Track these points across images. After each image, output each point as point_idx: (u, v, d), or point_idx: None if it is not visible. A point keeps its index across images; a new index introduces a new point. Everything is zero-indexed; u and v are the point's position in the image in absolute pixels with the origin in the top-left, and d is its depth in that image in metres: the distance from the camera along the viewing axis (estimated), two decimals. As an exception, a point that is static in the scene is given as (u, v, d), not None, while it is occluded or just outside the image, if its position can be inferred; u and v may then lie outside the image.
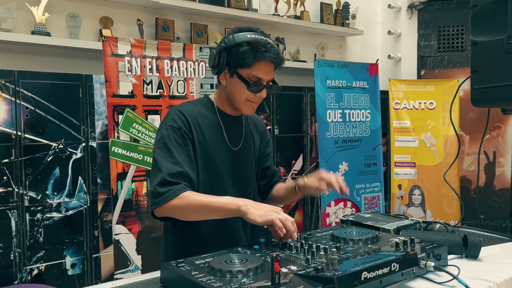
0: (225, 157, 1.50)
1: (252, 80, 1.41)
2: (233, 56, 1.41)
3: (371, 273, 0.92)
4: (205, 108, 1.51)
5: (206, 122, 1.49)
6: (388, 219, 1.44)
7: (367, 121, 3.58)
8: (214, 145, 1.48)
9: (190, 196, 1.31)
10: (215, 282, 0.91)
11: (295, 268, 0.99)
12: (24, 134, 2.55)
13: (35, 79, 2.60)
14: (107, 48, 2.34)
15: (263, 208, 1.24)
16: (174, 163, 1.35)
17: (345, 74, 3.45)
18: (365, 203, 3.55)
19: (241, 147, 1.55)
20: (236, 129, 1.56)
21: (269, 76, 1.44)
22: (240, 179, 1.54)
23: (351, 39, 4.44)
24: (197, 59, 2.65)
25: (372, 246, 1.16)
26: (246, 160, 1.56)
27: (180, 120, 1.42)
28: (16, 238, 2.52)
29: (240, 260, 1.02)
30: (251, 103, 1.47)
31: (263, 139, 1.68)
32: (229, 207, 1.27)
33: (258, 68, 1.40)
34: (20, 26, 2.78)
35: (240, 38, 1.41)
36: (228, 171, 1.50)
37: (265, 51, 1.39)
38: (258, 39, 1.40)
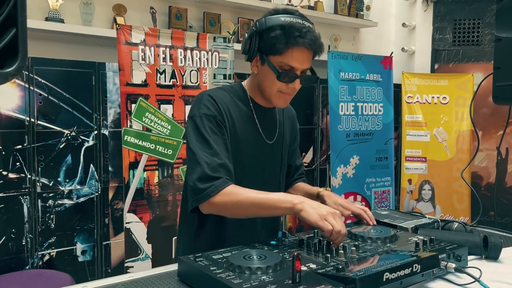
0: (258, 151, 1.40)
1: (284, 69, 1.28)
2: (265, 41, 1.28)
3: (393, 274, 0.91)
4: (237, 97, 1.40)
5: (238, 112, 1.38)
6: (405, 217, 1.43)
7: (380, 115, 3.55)
8: (244, 138, 1.37)
9: (237, 192, 1.22)
10: (234, 278, 0.91)
11: (314, 266, 0.98)
12: (37, 121, 2.56)
13: (49, 66, 2.59)
14: (121, 36, 2.32)
15: (322, 209, 1.13)
16: (212, 155, 1.25)
17: (359, 67, 3.41)
18: (375, 197, 3.54)
19: (276, 141, 1.44)
20: (270, 121, 1.45)
21: (304, 64, 1.29)
22: (271, 175, 1.46)
23: (364, 31, 4.39)
24: (211, 49, 2.63)
25: (391, 245, 1.15)
26: (279, 154, 1.47)
27: (214, 107, 1.31)
28: (28, 223, 2.54)
29: (259, 257, 1.01)
30: (284, 95, 1.33)
31: (293, 131, 1.58)
32: (283, 205, 1.18)
33: (291, 55, 1.26)
34: (34, 13, 2.77)
35: (272, 22, 1.26)
36: (259, 165, 1.42)
37: (298, 36, 1.24)
38: (293, 22, 1.25)
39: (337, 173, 3.33)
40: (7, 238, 2.50)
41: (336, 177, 3.33)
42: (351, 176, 3.41)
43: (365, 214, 1.42)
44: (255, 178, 1.41)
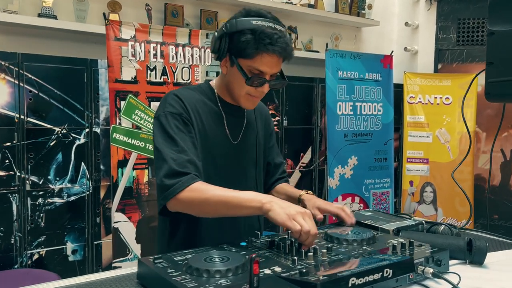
0: (225, 150, 1.38)
1: (254, 73, 1.27)
2: (235, 44, 1.26)
3: (360, 279, 0.85)
4: (205, 96, 1.39)
5: (206, 110, 1.36)
6: (389, 218, 1.36)
7: (379, 115, 3.47)
8: (213, 136, 1.36)
9: (205, 189, 1.18)
10: (189, 282, 0.85)
11: (279, 269, 0.93)
12: (27, 117, 2.53)
13: (40, 62, 2.56)
14: (110, 32, 2.28)
15: (290, 208, 1.09)
16: (179, 152, 1.23)
17: (358, 66, 3.34)
18: (374, 198, 3.46)
19: (241, 140, 1.42)
20: (238, 120, 1.43)
21: (274, 69, 1.28)
22: (244, 174, 1.43)
23: (366, 30, 4.31)
24: (203, 45, 2.58)
25: (367, 247, 1.09)
26: (246, 154, 1.44)
27: (179, 105, 1.30)
28: (17, 222, 2.51)
29: (221, 259, 0.96)
30: (252, 97, 1.32)
31: (266, 129, 1.55)
32: (251, 204, 1.14)
33: (260, 60, 1.24)
34: (27, 8, 2.74)
35: (243, 25, 1.24)
36: (229, 164, 1.39)
37: (269, 43, 1.22)
38: (264, 27, 1.23)
39: (334, 174, 3.26)
40: (-5, 236, 2.47)
41: (333, 178, 3.26)
42: (349, 177, 3.34)
43: (343, 213, 1.36)
44: (227, 177, 1.38)
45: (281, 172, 1.60)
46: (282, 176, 1.59)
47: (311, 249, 1.03)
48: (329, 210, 1.37)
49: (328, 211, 1.37)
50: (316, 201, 1.39)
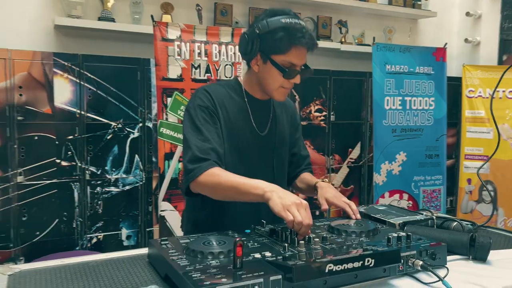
0: (252, 141, 1.48)
1: (287, 66, 1.38)
2: (268, 43, 1.37)
3: (338, 266, 0.89)
4: (232, 91, 1.50)
5: (232, 104, 1.47)
6: (401, 213, 1.37)
7: (431, 110, 3.37)
8: (239, 128, 1.46)
9: (220, 174, 1.29)
10: (183, 261, 0.95)
11: (269, 254, 0.99)
12: (87, 113, 2.77)
13: (98, 62, 2.80)
14: (157, 33, 2.44)
15: (287, 199, 1.16)
16: (203, 140, 1.35)
17: (408, 59, 3.26)
18: (424, 196, 3.37)
19: (268, 132, 1.52)
20: (264, 113, 1.53)
21: (303, 60, 1.40)
22: (265, 163, 1.51)
23: (423, 22, 4.18)
24: (246, 43, 2.67)
25: (364, 239, 1.12)
26: (273, 145, 1.53)
27: (207, 99, 1.42)
28: (78, 208, 2.77)
29: (217, 243, 1.04)
30: (285, 90, 1.43)
31: (292, 123, 1.64)
32: (255, 191, 1.22)
33: (293, 54, 1.36)
34: (89, 13, 2.99)
35: (274, 24, 1.35)
36: (254, 155, 1.49)
37: (301, 37, 1.35)
38: (294, 23, 1.35)
39: (381, 170, 3.22)
40: (59, 221, 2.75)
41: (379, 174, 3.23)
42: (397, 174, 3.28)
43: (349, 208, 1.39)
44: (250, 166, 1.47)
45: (306, 163, 1.68)
46: (307, 167, 1.67)
47: (306, 238, 1.09)
48: (335, 203, 1.41)
49: (334, 204, 1.41)
50: (327, 192, 1.44)
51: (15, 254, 2.66)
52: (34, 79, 2.66)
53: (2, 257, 2.63)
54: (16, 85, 2.60)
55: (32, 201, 2.68)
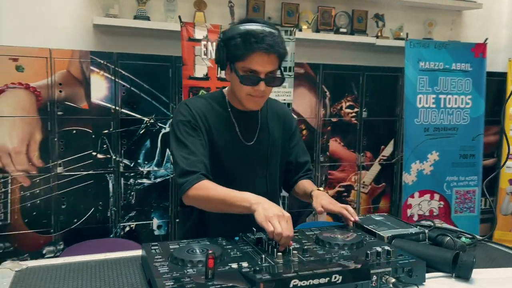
0: (237, 152, 1.49)
1: (247, 73, 1.37)
2: (229, 50, 1.38)
3: (303, 282, 0.93)
4: (216, 103, 1.51)
5: (215, 116, 1.48)
6: (396, 225, 1.36)
7: (467, 108, 3.25)
8: (223, 140, 1.48)
9: (208, 187, 1.33)
10: (164, 268, 1.02)
11: (246, 265, 1.05)
12: (121, 109, 2.92)
13: (132, 60, 2.93)
14: (184, 33, 2.52)
15: (270, 210, 1.18)
16: (189, 154, 1.39)
17: (443, 56, 3.15)
18: (457, 197, 3.27)
19: (256, 142, 1.52)
20: (250, 123, 1.53)
21: (267, 67, 1.37)
22: (256, 174, 1.53)
23: (467, 14, 3.99)
24: (272, 42, 2.69)
25: (345, 252, 1.14)
26: (260, 154, 1.53)
27: (188, 113, 1.45)
28: (113, 198, 2.94)
29: (201, 251, 1.11)
30: (253, 98, 1.42)
31: (286, 131, 1.63)
32: (243, 204, 1.26)
33: (252, 60, 1.35)
34: (125, 11, 3.12)
35: (233, 31, 1.37)
36: (239, 166, 1.50)
37: (255, 42, 1.32)
38: (250, 29, 1.34)
39: (411, 169, 3.16)
40: (95, 209, 2.93)
41: (409, 173, 3.17)
42: (429, 173, 3.20)
43: (346, 211, 1.41)
44: (236, 178, 1.49)
45: (305, 170, 1.67)
46: (306, 174, 1.67)
47: (286, 249, 1.13)
48: (331, 209, 1.43)
49: (330, 210, 1.43)
50: (322, 199, 1.46)
51: (55, 239, 2.88)
52: (72, 76, 2.83)
53: (43, 241, 2.86)
54: (56, 82, 2.79)
55: (71, 191, 2.88)
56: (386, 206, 3.62)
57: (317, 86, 3.37)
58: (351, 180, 3.53)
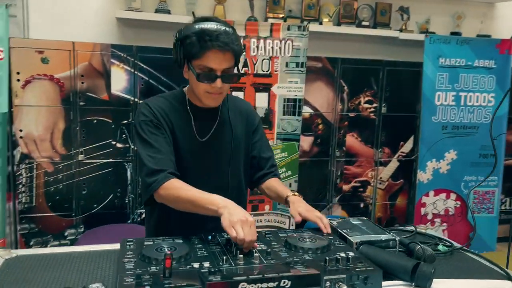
0: (193, 149, 1.51)
1: (204, 71, 1.39)
2: (186, 49, 1.40)
3: (252, 285, 0.97)
4: (176, 101, 1.54)
5: (175, 114, 1.51)
6: (370, 231, 1.37)
7: (489, 106, 3.14)
8: (182, 137, 1.50)
9: (178, 187, 1.36)
10: (131, 264, 1.10)
11: (207, 265, 1.11)
12: (140, 100, 3.03)
13: (151, 53, 3.02)
14: (197, 29, 2.58)
15: (235, 216, 1.21)
16: (155, 152, 1.42)
17: (465, 52, 3.05)
18: (475, 197, 3.19)
19: (211, 138, 1.53)
20: (207, 119, 1.54)
21: (222, 64, 1.39)
22: (209, 170, 1.54)
23: (500, 6, 3.83)
24: (284, 37, 2.71)
25: (308, 256, 1.18)
26: (217, 151, 1.55)
27: (149, 112, 1.48)
28: (130, 186, 3.07)
29: (169, 248, 1.18)
30: (211, 95, 1.43)
31: (248, 126, 1.63)
32: (211, 207, 1.29)
33: (207, 57, 1.37)
34: (147, 5, 3.21)
35: (188, 30, 1.39)
36: (196, 162, 1.52)
37: (209, 40, 1.35)
38: (205, 28, 1.36)
39: (427, 167, 3.11)
40: (114, 196, 3.08)
41: (425, 171, 3.12)
42: (445, 172, 3.14)
43: (320, 222, 1.43)
44: (196, 173, 1.52)
45: (269, 166, 1.66)
46: (271, 171, 1.66)
47: (253, 251, 1.19)
48: (308, 217, 1.45)
49: (306, 218, 1.45)
50: (299, 206, 1.48)
51: (76, 222, 3.05)
52: (94, 68, 2.96)
53: (65, 224, 3.04)
54: (78, 74, 2.93)
55: (91, 177, 3.03)
56: (403, 203, 3.59)
57: (335, 80, 3.35)
58: (367, 176, 3.51)
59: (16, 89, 2.83)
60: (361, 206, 3.53)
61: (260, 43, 2.69)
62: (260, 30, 2.69)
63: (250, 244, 1.19)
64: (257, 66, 2.70)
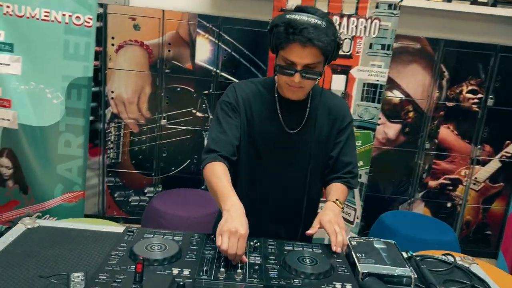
0: (276, 139, 1.48)
1: (287, 63, 1.34)
2: (273, 38, 1.35)
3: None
4: (265, 88, 1.50)
5: (260, 100, 1.48)
6: (389, 260, 1.20)
7: None
8: (262, 126, 1.47)
9: (212, 171, 1.35)
10: (115, 259, 1.11)
11: (186, 274, 1.07)
12: (221, 72, 3.04)
13: (236, 25, 2.99)
14: (276, 3, 2.46)
15: (227, 225, 1.16)
16: (220, 132, 1.43)
17: None
18: None
19: (300, 131, 1.48)
20: (296, 111, 1.49)
21: (304, 59, 1.31)
22: (293, 164, 1.51)
23: None
24: (371, 16, 2.46)
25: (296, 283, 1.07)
26: (300, 145, 1.49)
27: (232, 95, 1.48)
28: (207, 154, 3.15)
29: (159, 247, 1.17)
30: (291, 88, 1.39)
31: (335, 126, 1.54)
32: (221, 203, 1.27)
33: (290, 50, 1.30)
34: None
35: (279, 19, 1.33)
36: (275, 153, 1.49)
37: (293, 33, 1.27)
38: (293, 19, 1.29)
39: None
40: (190, 162, 3.20)
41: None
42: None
43: (334, 238, 1.29)
44: (270, 165, 1.49)
45: (346, 172, 1.55)
46: (344, 177, 1.55)
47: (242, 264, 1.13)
48: (325, 228, 1.33)
49: (324, 228, 1.34)
50: (326, 214, 1.36)
51: (155, 182, 3.25)
52: (180, 37, 3.03)
53: (146, 182, 3.26)
54: (166, 42, 3.02)
55: (171, 142, 3.18)
56: (500, 209, 3.16)
57: (435, 64, 2.99)
58: (459, 174, 3.14)
59: (110, 53, 3.02)
60: (448, 205, 3.19)
61: (343, 21, 2.48)
62: (344, 7, 2.46)
63: (232, 257, 1.13)
64: (337, 46, 2.50)
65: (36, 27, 2.47)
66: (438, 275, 1.28)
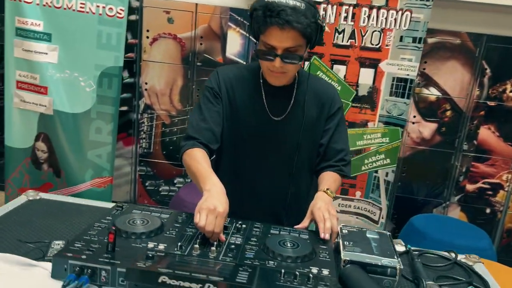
0: (260, 126, 1.44)
1: (267, 48, 1.30)
2: (253, 22, 1.33)
3: (173, 281, 0.90)
4: (251, 74, 1.47)
5: (245, 86, 1.45)
6: (379, 250, 1.12)
7: None
8: (246, 110, 1.44)
9: (193, 156, 1.33)
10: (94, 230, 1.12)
11: (161, 248, 1.07)
12: (251, 65, 3.03)
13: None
14: (304, -6, 2.42)
15: (206, 202, 1.15)
16: (201, 120, 1.41)
17: None
18: None
19: (286, 117, 1.44)
20: (282, 98, 1.44)
21: (284, 43, 1.27)
22: (279, 151, 1.46)
23: None
24: (402, 7, 2.36)
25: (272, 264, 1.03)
26: (288, 131, 1.45)
27: (215, 80, 1.46)
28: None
29: (141, 222, 1.17)
30: (273, 73, 1.35)
31: (324, 112, 1.49)
32: (201, 185, 1.26)
33: (269, 34, 1.28)
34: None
35: (258, 3, 1.31)
36: (260, 140, 1.45)
37: (270, 16, 1.24)
38: (271, 2, 1.26)
39: None
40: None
41: None
42: None
43: (322, 224, 1.23)
44: (254, 152, 1.46)
45: (338, 159, 1.50)
46: (337, 165, 1.49)
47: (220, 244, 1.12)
48: (314, 214, 1.28)
49: (314, 216, 1.28)
50: (317, 203, 1.32)
51: (184, 173, 3.29)
52: (212, 31, 3.05)
53: (176, 172, 3.31)
54: (198, 35, 3.06)
55: (201, 134, 3.21)
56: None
57: (476, 61, 2.82)
58: (501, 178, 2.93)
59: (145, 45, 3.10)
60: (487, 211, 3.00)
61: (373, 13, 2.39)
62: (374, -2, 2.39)
63: (209, 234, 1.11)
64: (366, 39, 2.42)
65: (72, 17, 2.58)
66: (435, 270, 1.20)
